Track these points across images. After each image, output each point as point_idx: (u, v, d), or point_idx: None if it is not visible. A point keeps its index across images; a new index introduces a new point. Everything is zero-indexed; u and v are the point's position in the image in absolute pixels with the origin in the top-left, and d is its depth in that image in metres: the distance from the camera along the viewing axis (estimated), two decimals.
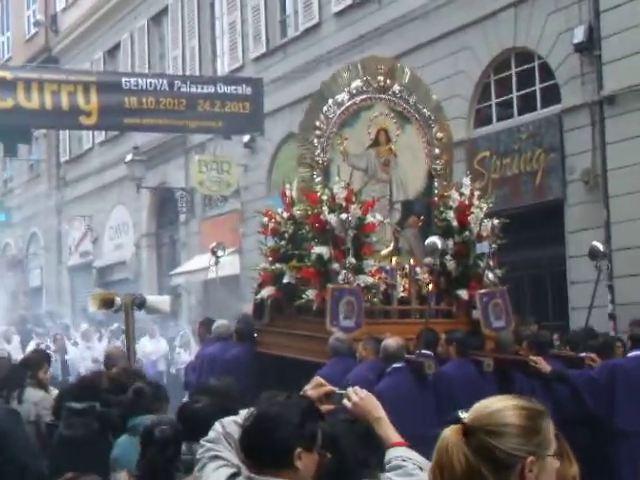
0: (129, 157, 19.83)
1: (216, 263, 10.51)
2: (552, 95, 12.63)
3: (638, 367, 7.37)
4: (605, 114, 11.76)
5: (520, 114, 13.22)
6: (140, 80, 16.17)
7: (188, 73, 20.29)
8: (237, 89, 16.52)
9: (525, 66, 13.15)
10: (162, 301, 8.14)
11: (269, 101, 16.92)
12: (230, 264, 18.40)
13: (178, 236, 22.13)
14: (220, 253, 10.58)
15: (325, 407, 3.09)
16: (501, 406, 2.13)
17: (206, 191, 18.88)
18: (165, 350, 17.30)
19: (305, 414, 2.91)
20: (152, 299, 7.86)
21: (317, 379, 3.19)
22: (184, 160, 21.29)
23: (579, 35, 11.87)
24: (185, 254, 21.31)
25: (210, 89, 16.36)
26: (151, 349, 17.10)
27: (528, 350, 7.81)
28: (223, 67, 19.99)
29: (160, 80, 16.30)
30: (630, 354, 7.68)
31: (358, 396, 3.09)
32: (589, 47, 11.82)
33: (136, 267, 23.62)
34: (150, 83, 16.07)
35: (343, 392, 3.13)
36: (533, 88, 13.02)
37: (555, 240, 12.50)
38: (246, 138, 18.38)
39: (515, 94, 13.33)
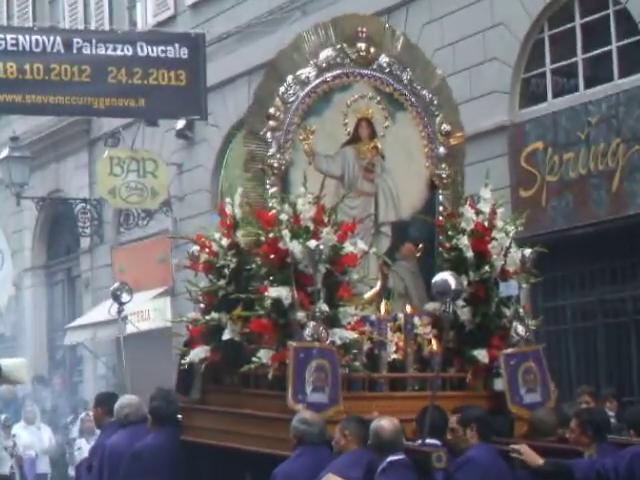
0: (4, 152, 20.13)
1: (119, 312, 10.96)
2: (636, 58, 12.96)
3: None
4: None
5: (588, 87, 13.57)
6: (21, 37, 16.43)
7: (93, 27, 20.57)
8: (167, 51, 16.85)
9: (595, 15, 13.49)
10: (18, 367, 8.37)
11: (214, 69, 17.21)
12: (158, 312, 18.86)
13: (79, 271, 22.39)
14: (125, 298, 11.00)
15: None
16: None
17: (121, 203, 19.16)
18: (49, 443, 17.60)
19: None
20: (7, 363, 8.13)
21: None
22: (87, 157, 21.67)
23: None
24: (89, 297, 21.56)
25: (127, 51, 16.68)
26: (28, 440, 17.32)
27: (579, 434, 8.32)
28: (145, 18, 20.36)
29: (51, 37, 16.56)
30: None
31: None
32: None
33: (15, 318, 23.81)
34: (36, 42, 16.35)
35: None
36: (608, 47, 13.35)
37: None
38: (180, 124, 18.69)
39: (580, 57, 13.67)
